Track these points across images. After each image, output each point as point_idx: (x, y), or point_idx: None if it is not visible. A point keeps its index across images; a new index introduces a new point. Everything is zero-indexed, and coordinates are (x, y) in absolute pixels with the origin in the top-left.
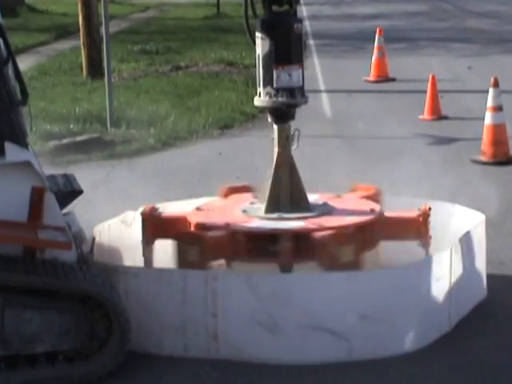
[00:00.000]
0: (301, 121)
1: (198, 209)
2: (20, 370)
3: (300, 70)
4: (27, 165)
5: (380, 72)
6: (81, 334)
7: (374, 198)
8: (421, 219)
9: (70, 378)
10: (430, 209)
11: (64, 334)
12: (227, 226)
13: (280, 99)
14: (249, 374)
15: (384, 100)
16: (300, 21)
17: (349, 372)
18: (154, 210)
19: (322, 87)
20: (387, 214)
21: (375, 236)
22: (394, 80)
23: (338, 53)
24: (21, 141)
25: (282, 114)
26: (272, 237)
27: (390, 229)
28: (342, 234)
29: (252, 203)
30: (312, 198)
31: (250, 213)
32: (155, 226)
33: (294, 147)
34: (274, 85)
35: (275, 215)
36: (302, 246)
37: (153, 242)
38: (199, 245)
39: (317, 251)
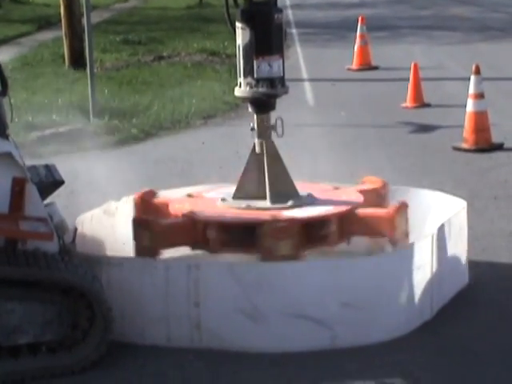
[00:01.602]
0: (284, 109)
1: (189, 195)
2: (2, 362)
3: (280, 61)
4: (8, 156)
5: (363, 60)
6: (63, 325)
7: (380, 191)
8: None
9: (52, 369)
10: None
11: (46, 324)
12: (190, 213)
13: (260, 89)
14: (232, 363)
15: (367, 88)
16: (280, 11)
17: (332, 359)
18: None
19: (305, 76)
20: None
21: (346, 230)
22: (376, 68)
23: (320, 42)
24: (1, 132)
25: (263, 105)
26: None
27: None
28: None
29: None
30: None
31: (228, 202)
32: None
33: (278, 136)
34: (255, 75)
35: (243, 205)
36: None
37: None
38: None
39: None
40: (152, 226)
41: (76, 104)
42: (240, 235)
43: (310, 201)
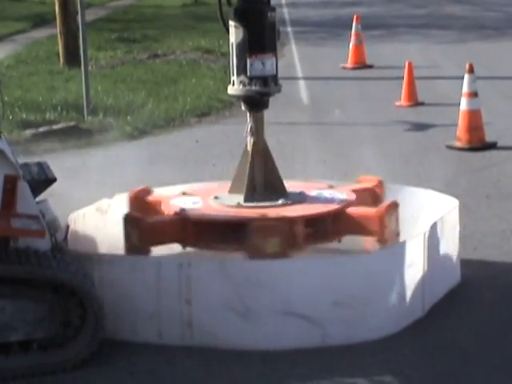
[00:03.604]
0: (278, 108)
1: (183, 193)
2: None
3: (273, 59)
4: (0, 153)
5: (357, 59)
6: (55, 323)
7: (376, 190)
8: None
9: (44, 367)
10: None
11: (38, 322)
12: (180, 211)
13: (253, 88)
14: (223, 361)
15: (361, 87)
16: (273, 9)
17: (322, 357)
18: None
19: (300, 74)
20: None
21: (334, 229)
22: (371, 67)
23: (315, 40)
24: None
25: (256, 103)
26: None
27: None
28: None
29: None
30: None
31: (220, 200)
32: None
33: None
34: (248, 73)
35: (234, 203)
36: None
37: None
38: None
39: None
40: (140, 224)
41: (70, 102)
42: (228, 233)
43: (301, 199)
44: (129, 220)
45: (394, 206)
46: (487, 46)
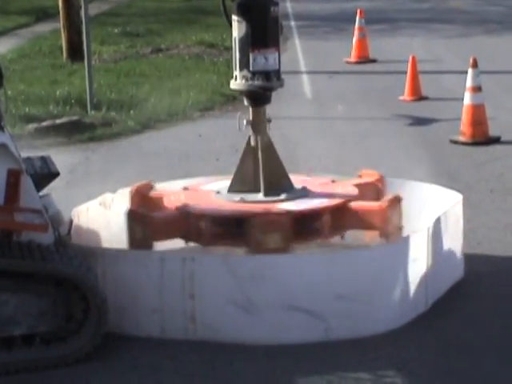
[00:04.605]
0: (282, 102)
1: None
2: None
3: (276, 54)
4: (3, 147)
5: (361, 53)
6: (58, 316)
7: (377, 184)
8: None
9: (47, 360)
10: None
11: (41, 316)
12: (184, 206)
13: (256, 83)
14: (226, 355)
15: (365, 81)
16: (276, 4)
17: (326, 352)
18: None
19: (303, 68)
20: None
21: (338, 223)
22: (374, 61)
23: (319, 34)
24: None
25: (258, 98)
26: (218, 219)
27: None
28: (272, 221)
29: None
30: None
31: (222, 195)
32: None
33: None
34: (251, 68)
35: (237, 198)
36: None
37: None
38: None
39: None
40: (145, 220)
41: (73, 96)
42: (231, 228)
43: (304, 194)
44: (133, 216)
45: (397, 200)
46: (491, 40)
